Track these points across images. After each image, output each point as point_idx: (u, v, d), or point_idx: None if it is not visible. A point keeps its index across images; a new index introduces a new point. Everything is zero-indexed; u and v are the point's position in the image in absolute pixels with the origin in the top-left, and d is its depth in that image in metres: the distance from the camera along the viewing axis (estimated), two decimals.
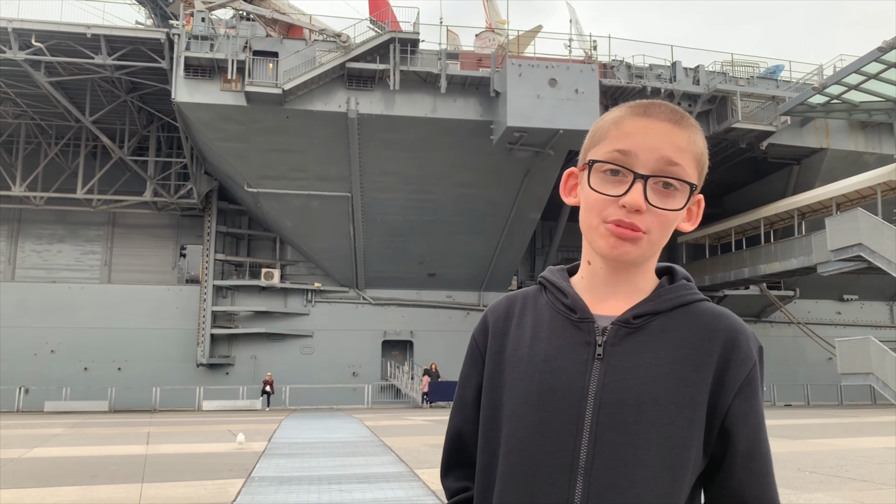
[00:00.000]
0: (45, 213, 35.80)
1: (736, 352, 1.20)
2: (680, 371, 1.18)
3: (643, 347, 1.19)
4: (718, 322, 1.22)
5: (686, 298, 1.24)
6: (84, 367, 33.64)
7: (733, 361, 1.20)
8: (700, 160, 1.24)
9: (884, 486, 7.68)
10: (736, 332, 1.22)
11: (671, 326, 1.21)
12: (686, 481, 1.16)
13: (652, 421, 1.15)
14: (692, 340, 1.20)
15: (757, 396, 1.23)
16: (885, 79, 25.00)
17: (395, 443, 13.57)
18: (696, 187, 1.23)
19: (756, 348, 1.24)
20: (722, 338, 1.20)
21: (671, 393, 1.16)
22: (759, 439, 1.23)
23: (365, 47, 28.39)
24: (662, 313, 1.22)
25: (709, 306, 1.25)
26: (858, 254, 25.55)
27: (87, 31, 28.29)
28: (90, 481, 9.16)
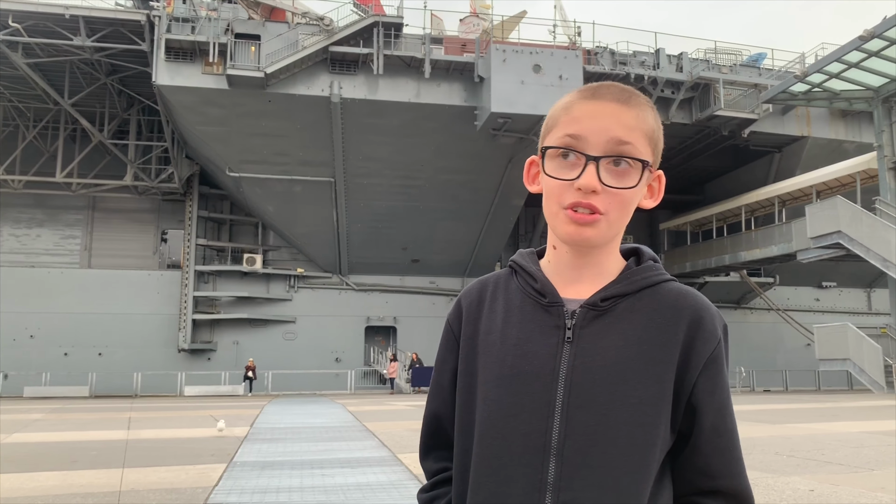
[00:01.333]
0: (24, 197, 35.34)
1: (701, 330, 1.21)
2: (647, 351, 1.19)
3: (611, 329, 1.21)
4: (684, 301, 1.24)
5: (653, 279, 1.26)
6: (64, 352, 33.40)
7: (698, 339, 1.21)
8: (651, 136, 1.25)
9: (859, 470, 7.81)
10: (701, 310, 1.23)
11: (638, 307, 1.23)
12: (655, 458, 1.18)
13: (621, 400, 1.17)
14: (658, 320, 1.22)
15: (722, 373, 1.23)
16: (865, 67, 25.21)
17: (377, 428, 13.60)
18: (650, 164, 1.24)
19: (721, 326, 1.24)
20: (687, 316, 1.22)
21: (639, 372, 1.18)
22: (724, 415, 1.23)
23: (348, 31, 28.18)
24: (630, 295, 1.24)
25: (675, 286, 1.27)
26: (837, 241, 25.85)
27: (65, 11, 27.87)
28: (70, 466, 9.11)
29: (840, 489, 6.73)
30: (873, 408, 17.70)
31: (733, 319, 38.57)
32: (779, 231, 31.03)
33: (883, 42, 23.42)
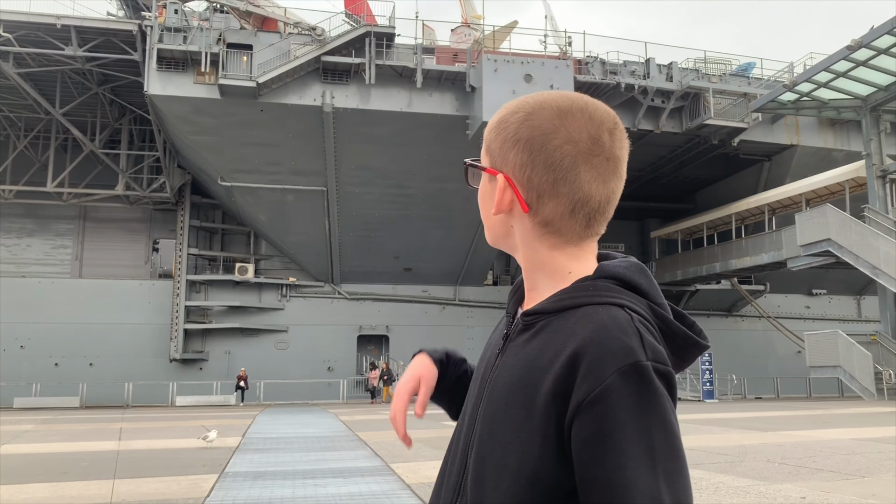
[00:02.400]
0: (15, 207, 35.19)
1: (580, 365, 1.02)
2: (530, 376, 1.09)
3: (524, 346, 1.13)
4: (579, 328, 1.06)
5: (578, 301, 1.11)
6: (55, 362, 33.20)
7: (577, 376, 1.02)
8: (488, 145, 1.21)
9: (850, 477, 7.85)
10: (589, 342, 1.03)
11: (550, 328, 1.11)
12: (538, 496, 1.05)
13: (507, 422, 1.09)
14: (551, 345, 1.09)
15: (606, 423, 0.99)
16: (853, 77, 25.45)
17: (370, 437, 13.58)
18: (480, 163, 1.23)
19: (619, 365, 1.00)
20: (573, 346, 1.04)
21: (520, 397, 1.09)
22: (602, 468, 0.99)
23: (340, 41, 28.24)
24: (553, 314, 1.12)
25: (591, 310, 1.08)
26: (827, 249, 26.01)
27: (56, 21, 27.84)
28: (61, 478, 9.06)
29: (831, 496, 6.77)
30: (864, 415, 17.78)
31: (724, 327, 38.69)
32: (769, 239, 31.19)
33: (870, 52, 23.66)
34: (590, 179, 1.12)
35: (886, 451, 10.07)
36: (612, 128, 1.15)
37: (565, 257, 1.17)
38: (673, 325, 1.12)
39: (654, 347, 1.03)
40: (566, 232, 1.15)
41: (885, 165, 26.44)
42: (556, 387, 1.04)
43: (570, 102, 1.15)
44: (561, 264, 1.17)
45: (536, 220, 1.15)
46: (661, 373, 1.02)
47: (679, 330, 1.12)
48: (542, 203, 1.14)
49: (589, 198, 1.13)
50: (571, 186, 1.12)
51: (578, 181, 1.12)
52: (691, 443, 11.56)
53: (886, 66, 24.46)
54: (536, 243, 1.17)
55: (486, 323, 36.02)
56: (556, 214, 1.13)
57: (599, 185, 1.13)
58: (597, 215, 1.15)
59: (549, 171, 1.12)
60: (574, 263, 1.17)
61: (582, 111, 1.14)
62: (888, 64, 24.27)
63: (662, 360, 1.03)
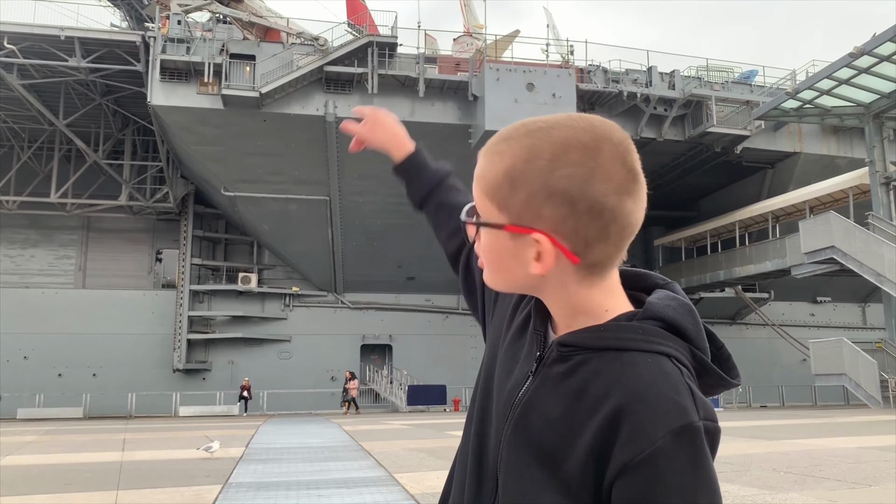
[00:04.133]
0: (18, 218, 35.29)
1: (624, 423, 0.96)
2: (569, 421, 1.02)
3: (560, 382, 1.06)
4: (624, 379, 0.99)
5: (624, 343, 1.03)
6: (58, 373, 33.21)
7: (621, 434, 0.96)
8: (488, 188, 1.08)
9: (857, 486, 7.80)
10: (637, 400, 0.97)
11: (590, 369, 1.04)
12: None
13: (542, 462, 1.04)
14: (592, 389, 1.02)
15: (654, 488, 0.94)
16: (856, 84, 25.45)
17: (373, 447, 13.53)
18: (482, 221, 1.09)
19: (671, 427, 0.94)
20: (617, 399, 0.98)
21: (561, 443, 1.02)
22: None
23: (343, 51, 28.34)
24: (592, 351, 1.05)
25: (642, 359, 1.01)
26: (831, 256, 25.93)
27: (60, 33, 28.00)
28: (64, 489, 9.04)
29: None
30: (870, 423, 17.69)
31: (729, 335, 38.57)
32: (773, 246, 31.13)
33: (873, 59, 23.67)
34: (633, 210, 1.04)
35: (893, 459, 10.00)
36: (630, 146, 1.06)
37: (601, 295, 1.09)
38: (709, 369, 1.06)
39: (704, 404, 0.99)
40: (609, 266, 1.08)
41: (889, 172, 26.40)
42: (597, 441, 0.98)
43: (592, 135, 1.03)
44: (598, 303, 1.09)
45: (583, 265, 1.06)
46: (710, 431, 0.97)
47: (714, 373, 1.07)
48: (591, 250, 1.04)
49: (634, 226, 1.06)
50: (619, 223, 1.03)
51: (624, 214, 1.03)
52: None
53: (889, 74, 24.45)
54: (576, 287, 1.08)
55: None
56: (605, 255, 1.05)
57: (639, 210, 1.06)
58: (632, 237, 1.08)
59: (596, 218, 1.02)
60: (609, 300, 1.09)
61: (608, 142, 1.03)
62: (891, 71, 24.26)
63: (712, 417, 0.98)
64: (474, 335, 36.73)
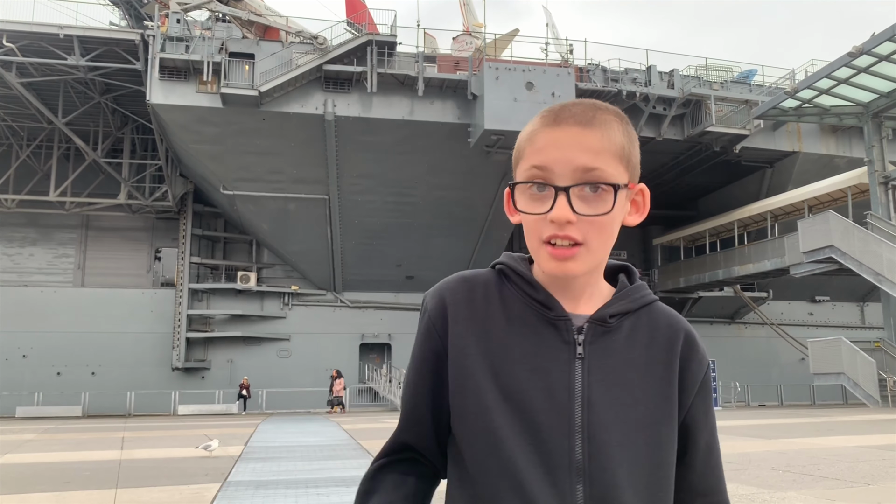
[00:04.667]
0: (17, 216, 35.26)
1: (695, 352, 1.27)
2: (654, 370, 1.22)
3: (620, 347, 1.21)
4: (678, 323, 1.28)
5: (648, 298, 1.28)
6: (57, 371, 33.19)
7: (694, 361, 1.26)
8: (622, 154, 1.18)
9: (855, 485, 7.81)
10: (693, 333, 1.29)
11: (640, 325, 1.25)
12: (673, 477, 1.23)
13: (638, 420, 1.18)
14: (660, 340, 1.24)
15: (710, 396, 1.29)
16: (855, 83, 25.45)
17: (372, 446, 13.53)
18: (621, 185, 1.17)
19: (706, 351, 1.31)
20: (683, 337, 1.26)
21: (650, 393, 1.20)
22: (714, 435, 1.30)
23: (342, 49, 28.33)
24: (632, 313, 1.25)
25: (664, 307, 1.30)
26: (830, 255, 25.94)
27: (59, 31, 27.96)
28: (63, 487, 9.04)
29: None
30: (868, 422, 17.71)
31: (728, 334, 38.63)
32: (771, 246, 31.15)
33: (872, 58, 23.67)
34: None
35: (891, 458, 10.02)
36: None
37: None
38: None
39: None
40: None
41: (888, 172, 26.41)
42: (681, 374, 1.24)
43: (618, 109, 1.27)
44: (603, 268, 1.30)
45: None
46: None
47: None
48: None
49: None
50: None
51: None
52: None
53: (888, 73, 24.45)
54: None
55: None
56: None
57: None
58: None
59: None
60: None
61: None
62: (890, 70, 24.27)
63: None
64: None
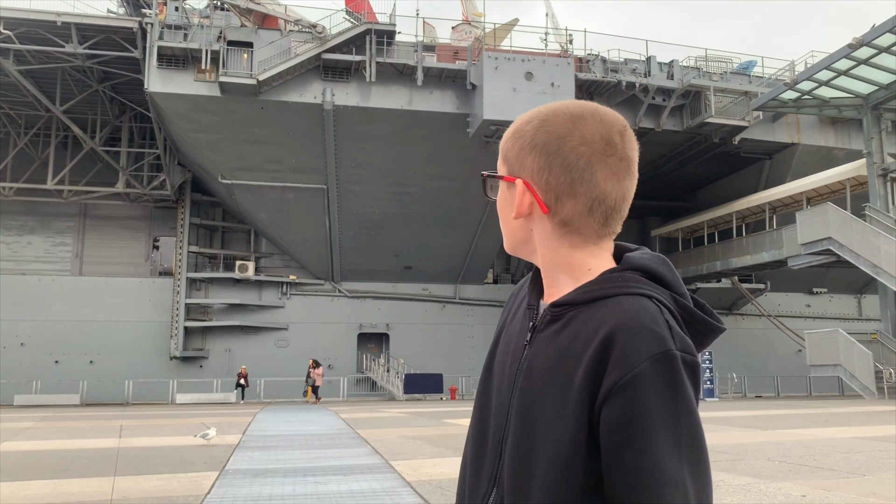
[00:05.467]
0: (15, 204, 35.19)
1: (612, 352, 1.06)
2: (566, 366, 1.12)
3: (555, 337, 1.16)
4: (610, 316, 1.10)
5: (608, 291, 1.14)
6: (55, 360, 33.22)
7: (609, 363, 1.06)
8: (504, 155, 1.27)
9: (850, 475, 7.85)
10: (622, 330, 1.07)
11: (581, 319, 1.14)
12: (574, 482, 1.08)
13: (543, 412, 1.12)
14: (583, 333, 1.12)
15: (635, 408, 1.03)
16: (855, 75, 25.42)
17: (370, 435, 13.58)
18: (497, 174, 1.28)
19: (651, 352, 1.04)
20: (603, 333, 1.08)
21: (555, 387, 1.12)
22: (631, 450, 1.03)
23: (341, 38, 28.22)
24: (582, 304, 1.15)
25: (624, 300, 1.12)
26: (828, 247, 25.99)
27: (57, 18, 27.82)
28: (61, 475, 9.07)
29: (832, 494, 6.77)
30: (864, 413, 17.78)
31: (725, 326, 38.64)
32: (770, 237, 31.17)
33: (872, 50, 23.64)
34: (605, 178, 1.17)
35: (887, 449, 10.07)
36: (623, 130, 1.20)
37: (585, 256, 1.21)
38: (695, 314, 1.15)
39: (682, 338, 1.08)
40: (585, 230, 1.19)
41: (886, 164, 26.42)
42: (589, 372, 1.08)
43: (582, 109, 1.21)
44: (581, 262, 1.21)
45: (556, 220, 1.20)
46: (689, 363, 1.07)
47: (700, 318, 1.16)
48: (560, 203, 1.18)
49: (605, 196, 1.17)
50: (588, 185, 1.17)
51: (594, 180, 1.17)
52: None
53: (888, 65, 24.43)
54: (556, 243, 1.21)
55: (486, 321, 36.03)
56: (574, 214, 1.18)
57: (614, 183, 1.18)
58: (613, 213, 1.19)
59: (566, 172, 1.17)
60: (594, 260, 1.21)
61: (593, 115, 1.19)
62: (889, 62, 24.24)
63: (690, 351, 1.08)
64: (471, 325, 36.82)
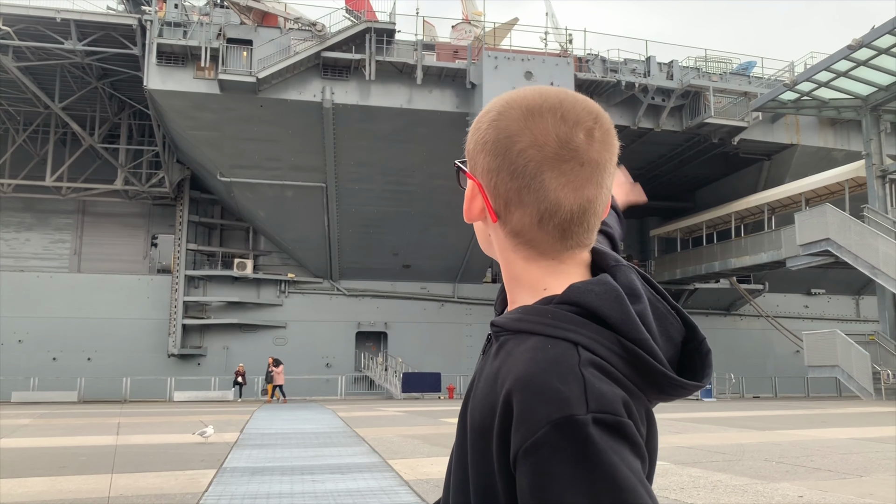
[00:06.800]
0: (13, 201, 35.16)
1: (514, 409, 0.92)
2: (489, 402, 0.98)
3: (491, 362, 1.02)
4: (520, 365, 0.95)
5: (532, 327, 0.99)
6: (53, 357, 33.20)
7: (514, 419, 0.92)
8: (466, 146, 1.10)
9: (848, 476, 7.86)
10: (524, 387, 0.92)
11: (507, 349, 1.00)
12: None
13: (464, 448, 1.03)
14: (504, 371, 0.97)
15: (537, 481, 0.88)
16: (854, 76, 25.44)
17: (368, 433, 13.58)
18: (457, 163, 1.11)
19: (553, 417, 0.88)
20: (509, 384, 0.94)
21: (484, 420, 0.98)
22: None
23: (340, 37, 28.20)
24: (510, 332, 1.02)
25: (540, 346, 0.96)
26: (826, 248, 26.00)
27: (56, 15, 27.79)
28: (59, 472, 9.06)
29: (829, 495, 6.77)
30: (862, 414, 17.80)
31: (723, 326, 38.72)
32: (768, 238, 31.19)
33: (871, 51, 23.65)
34: (557, 187, 0.99)
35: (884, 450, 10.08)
36: (591, 127, 1.00)
37: (541, 271, 1.04)
38: (648, 365, 0.95)
39: (599, 396, 0.89)
40: (539, 244, 1.03)
41: (885, 165, 26.44)
42: (500, 423, 0.94)
43: (542, 100, 1.02)
44: (536, 279, 1.05)
45: (507, 229, 1.04)
46: (609, 424, 0.88)
47: (656, 370, 0.95)
48: (509, 212, 1.02)
49: (558, 207, 0.99)
50: (536, 195, 0.99)
51: (544, 189, 0.99)
52: (689, 441, 11.58)
53: (887, 66, 24.45)
54: (511, 254, 1.06)
55: (484, 320, 35.98)
56: (523, 225, 1.02)
57: (570, 192, 0.99)
58: (572, 226, 1.01)
59: (513, 178, 1.00)
60: (550, 279, 1.04)
61: (552, 110, 1.00)
62: (889, 64, 24.25)
63: (609, 410, 0.89)
64: (469, 323, 36.82)
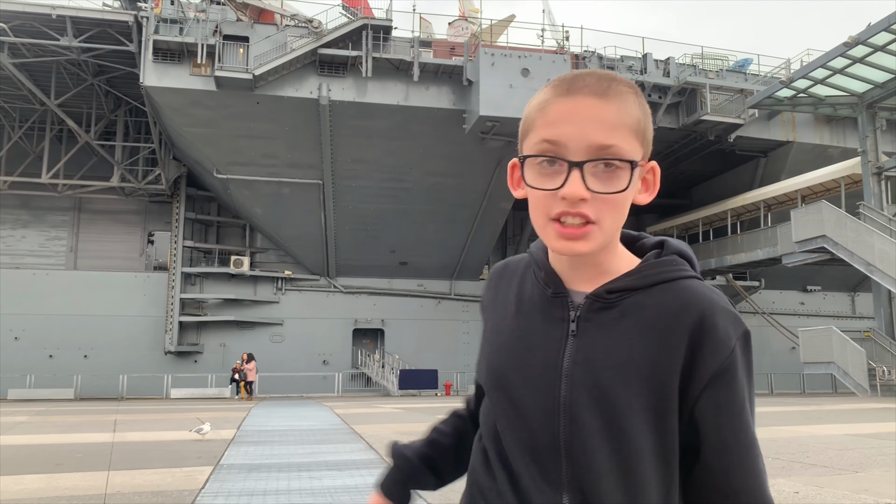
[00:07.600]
0: (9, 198, 35.07)
1: (708, 337, 1.07)
2: (651, 353, 1.08)
3: (616, 325, 1.11)
4: (694, 301, 1.09)
5: (668, 275, 1.13)
6: (49, 354, 33.14)
7: (706, 349, 1.07)
8: (637, 129, 1.14)
9: (843, 472, 7.89)
10: (712, 314, 1.08)
11: (647, 304, 1.11)
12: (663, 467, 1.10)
13: (626, 405, 1.07)
14: (665, 321, 1.09)
15: (733, 388, 1.08)
16: (850, 73, 25.47)
17: (365, 430, 13.58)
18: (637, 162, 1.13)
19: (738, 334, 1.08)
20: (694, 320, 1.07)
21: (643, 377, 1.07)
22: (734, 431, 1.09)
23: (337, 33, 28.17)
24: (640, 290, 1.12)
25: (692, 284, 1.12)
26: (822, 245, 26.05)
27: (52, 11, 27.70)
28: (55, 469, 9.05)
29: (824, 491, 6.80)
30: (857, 411, 17.85)
31: None
32: (764, 235, 31.24)
33: (867, 48, 23.68)
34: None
35: (879, 446, 10.11)
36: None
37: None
38: None
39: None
40: None
41: (881, 162, 26.49)
42: (686, 362, 1.08)
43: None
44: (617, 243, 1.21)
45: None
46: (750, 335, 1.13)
47: None
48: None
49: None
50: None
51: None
52: None
53: (883, 63, 24.48)
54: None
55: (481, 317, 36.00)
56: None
57: None
58: None
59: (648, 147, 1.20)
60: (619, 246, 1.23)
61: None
62: (885, 61, 24.29)
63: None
64: (466, 321, 36.83)
